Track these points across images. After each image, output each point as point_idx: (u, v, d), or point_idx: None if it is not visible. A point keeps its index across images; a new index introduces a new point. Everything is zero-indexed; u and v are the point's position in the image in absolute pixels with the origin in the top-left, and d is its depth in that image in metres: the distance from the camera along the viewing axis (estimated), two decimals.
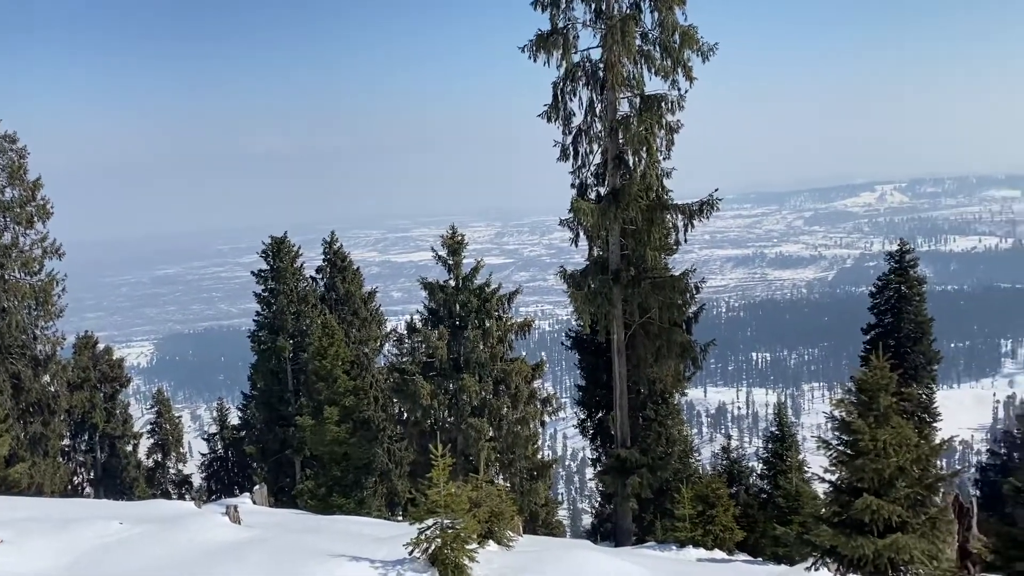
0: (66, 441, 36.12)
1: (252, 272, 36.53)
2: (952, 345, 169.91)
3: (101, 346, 38.72)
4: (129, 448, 38.40)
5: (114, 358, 38.67)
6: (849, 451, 12.17)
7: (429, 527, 12.18)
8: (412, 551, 12.23)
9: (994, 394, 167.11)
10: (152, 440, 39.51)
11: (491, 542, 15.07)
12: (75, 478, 36.78)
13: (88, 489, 37.36)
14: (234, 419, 40.48)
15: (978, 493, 31.48)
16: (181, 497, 36.46)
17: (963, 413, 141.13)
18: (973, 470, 36.78)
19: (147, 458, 39.28)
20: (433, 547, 12.13)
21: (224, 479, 39.21)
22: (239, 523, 15.14)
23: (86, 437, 37.53)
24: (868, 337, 29.48)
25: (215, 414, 41.42)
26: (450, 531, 12.12)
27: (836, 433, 12.81)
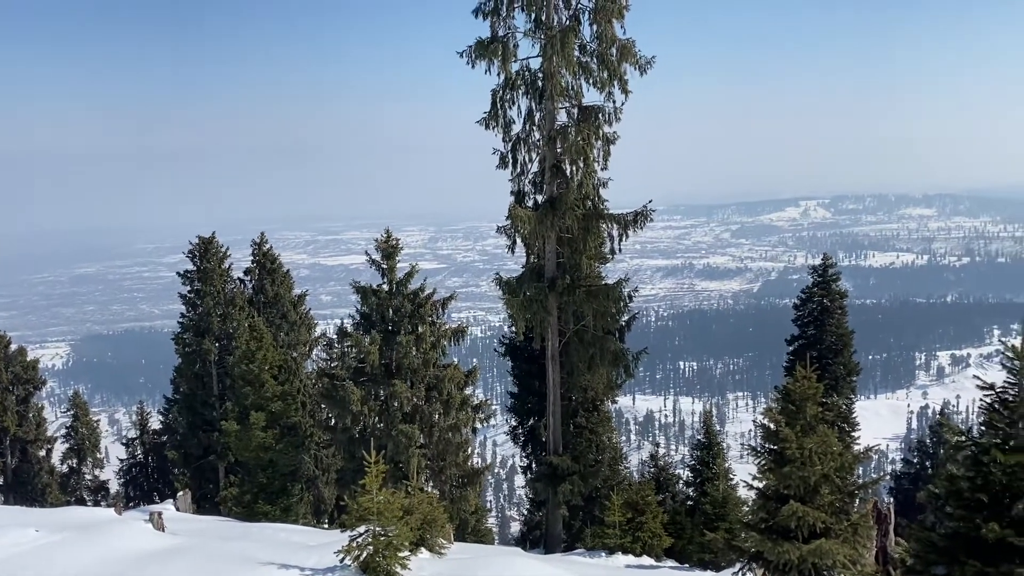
0: None
1: (178, 273, 35.57)
2: (869, 357, 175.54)
3: (14, 347, 37.29)
4: (42, 453, 37.01)
5: (28, 359, 37.29)
6: (776, 459, 12.47)
7: (361, 534, 12.03)
8: (343, 558, 12.06)
9: (908, 405, 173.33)
10: (67, 445, 38.14)
11: (423, 549, 14.93)
12: None
13: None
14: (155, 423, 39.32)
15: (893, 500, 32.61)
16: (97, 504, 35.24)
17: (879, 423, 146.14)
18: (888, 478, 38.05)
19: (61, 463, 37.90)
20: (365, 554, 11.98)
21: (143, 485, 38.04)
22: (163, 530, 14.70)
23: None
24: (792, 348, 30.26)
25: (135, 418, 40.17)
26: (382, 538, 11.99)
27: (763, 442, 13.09)
